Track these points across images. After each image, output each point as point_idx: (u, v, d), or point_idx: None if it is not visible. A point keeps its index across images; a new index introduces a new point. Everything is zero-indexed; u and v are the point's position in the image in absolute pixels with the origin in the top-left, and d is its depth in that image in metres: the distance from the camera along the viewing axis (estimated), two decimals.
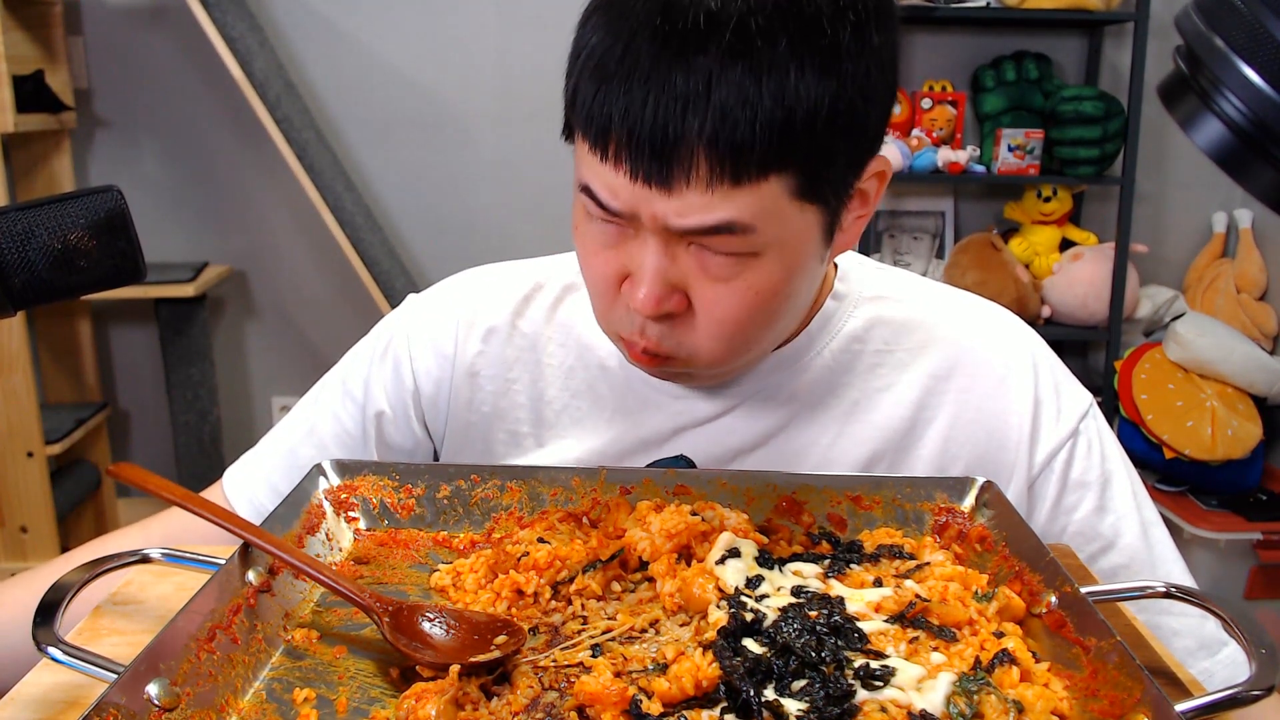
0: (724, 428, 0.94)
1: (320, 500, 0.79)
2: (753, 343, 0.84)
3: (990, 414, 0.92)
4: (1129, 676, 0.55)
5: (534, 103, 3.16)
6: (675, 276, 0.78)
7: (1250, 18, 0.48)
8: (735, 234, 0.75)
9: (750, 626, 0.62)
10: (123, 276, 0.71)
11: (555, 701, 0.60)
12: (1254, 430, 3.11)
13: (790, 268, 0.80)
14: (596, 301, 0.85)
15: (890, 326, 0.95)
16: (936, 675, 0.57)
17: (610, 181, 0.76)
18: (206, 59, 2.84)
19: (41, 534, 2.82)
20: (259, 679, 0.62)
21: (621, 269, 0.80)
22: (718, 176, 0.73)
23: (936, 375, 0.93)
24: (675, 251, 0.78)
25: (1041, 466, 0.92)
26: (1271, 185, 0.51)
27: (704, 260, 0.78)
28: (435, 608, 0.67)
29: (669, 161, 0.72)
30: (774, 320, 0.83)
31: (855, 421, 0.93)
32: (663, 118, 0.71)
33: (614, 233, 0.80)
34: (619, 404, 0.96)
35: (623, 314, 0.82)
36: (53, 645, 0.59)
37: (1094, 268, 3.16)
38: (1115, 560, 0.90)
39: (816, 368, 0.93)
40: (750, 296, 0.79)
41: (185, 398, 2.96)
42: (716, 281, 0.78)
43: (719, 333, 0.81)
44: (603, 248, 0.81)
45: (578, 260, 0.86)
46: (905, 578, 0.68)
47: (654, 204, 0.75)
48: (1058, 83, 3.23)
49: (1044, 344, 0.97)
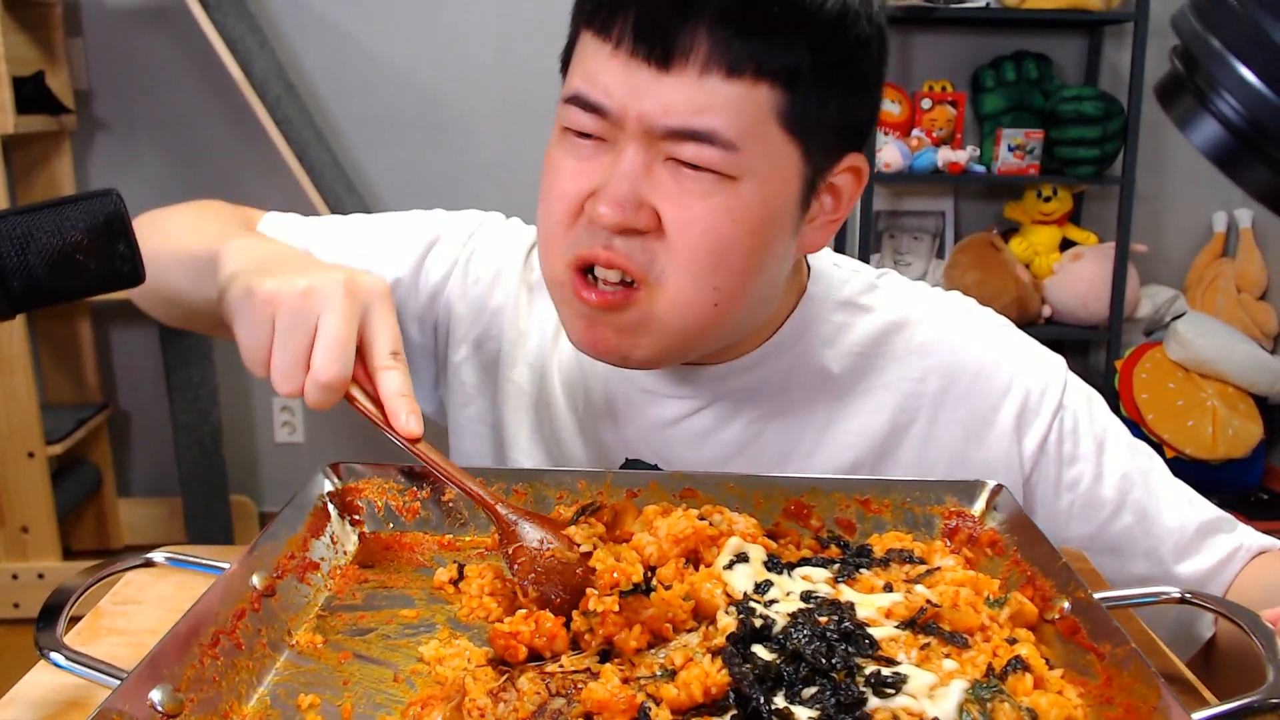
0: (694, 429, 0.93)
1: (325, 503, 0.78)
2: (715, 290, 0.80)
3: (968, 412, 0.92)
4: (1144, 684, 0.54)
5: (534, 103, 3.15)
6: (646, 190, 0.78)
7: (1246, 18, 0.48)
8: (716, 146, 0.76)
9: (760, 632, 0.62)
10: (122, 280, 0.71)
11: (562, 708, 0.59)
12: (1254, 429, 3.11)
13: (767, 207, 0.79)
14: (553, 228, 0.82)
15: (864, 330, 0.94)
16: (949, 683, 0.56)
17: (605, 72, 0.77)
18: (207, 60, 2.83)
19: (42, 534, 2.82)
20: (263, 684, 0.62)
21: (589, 186, 0.79)
22: (715, 61, 0.74)
23: (911, 379, 0.93)
24: (651, 165, 0.78)
25: (1035, 454, 0.92)
26: (1268, 185, 0.51)
27: (679, 177, 0.77)
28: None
29: (672, 34, 0.75)
30: (741, 269, 0.80)
31: (833, 428, 0.92)
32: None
33: (588, 148, 0.80)
34: (589, 404, 0.96)
35: (582, 234, 0.80)
36: (55, 650, 0.58)
37: (1094, 267, 3.16)
38: (1127, 520, 0.91)
39: (791, 371, 0.92)
40: (726, 221, 0.78)
41: (186, 398, 2.96)
42: (691, 199, 0.77)
43: (691, 258, 0.78)
44: (575, 163, 0.81)
45: (538, 218, 0.85)
46: (915, 583, 0.67)
47: (642, 96, 0.76)
48: (1058, 83, 3.22)
49: (1009, 324, 0.97)
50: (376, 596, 0.72)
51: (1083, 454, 0.92)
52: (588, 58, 0.80)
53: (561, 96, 0.82)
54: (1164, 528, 0.91)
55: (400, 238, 1.02)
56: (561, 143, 0.82)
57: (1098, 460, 0.92)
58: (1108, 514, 0.91)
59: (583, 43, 0.81)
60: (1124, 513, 0.91)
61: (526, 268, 1.01)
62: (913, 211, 3.37)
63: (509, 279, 1.01)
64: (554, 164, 0.83)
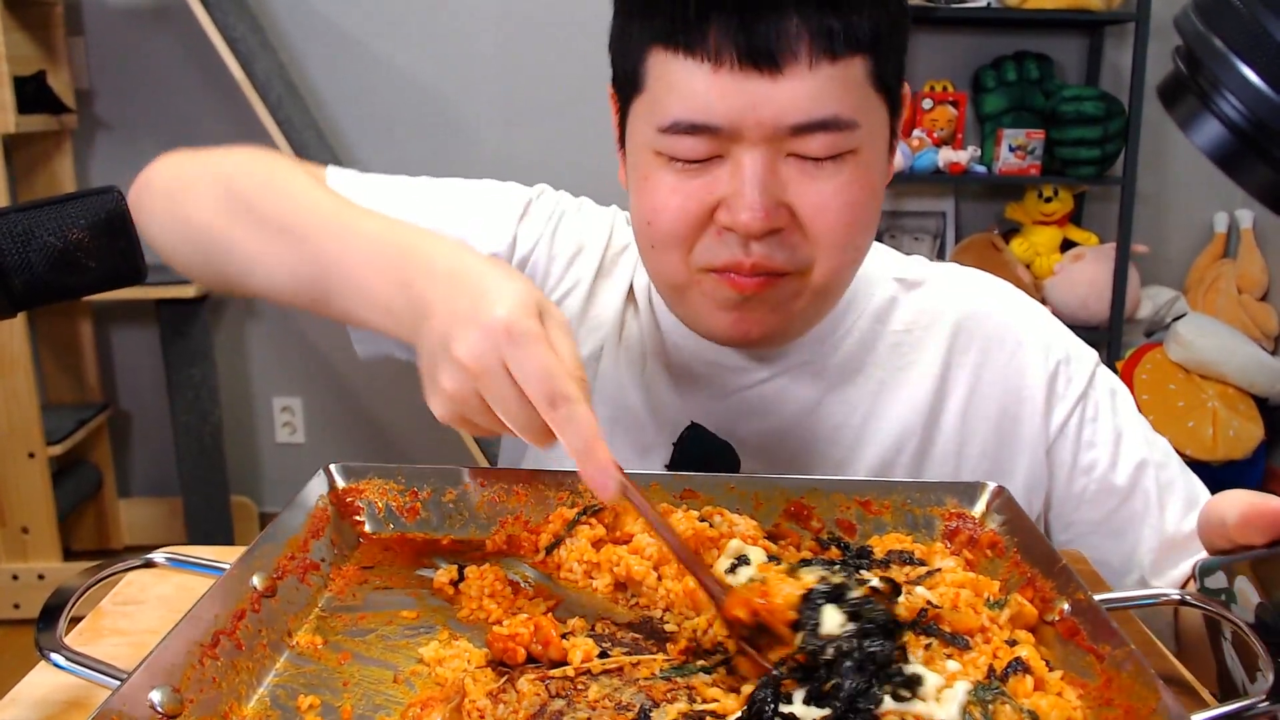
0: (757, 400, 0.95)
1: (325, 504, 0.78)
2: (858, 249, 0.86)
3: (1005, 387, 0.96)
4: (1144, 685, 0.54)
5: (535, 103, 3.16)
6: (777, 189, 0.79)
7: (1249, 18, 0.48)
8: (840, 130, 0.78)
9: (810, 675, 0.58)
10: (123, 277, 0.71)
11: (563, 709, 0.59)
12: (1255, 431, 3.10)
13: (880, 164, 0.84)
14: (671, 244, 0.83)
15: (909, 305, 0.98)
16: (953, 684, 0.56)
17: (707, 90, 0.77)
18: (208, 60, 2.83)
19: (42, 534, 2.82)
20: (263, 685, 0.62)
21: (710, 201, 0.80)
22: (819, 49, 0.76)
23: (953, 350, 0.96)
24: (775, 164, 0.79)
25: (1056, 432, 0.95)
26: (1270, 185, 0.51)
27: (805, 168, 0.79)
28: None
29: (774, 36, 0.75)
30: (872, 224, 0.85)
31: (883, 399, 0.95)
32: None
33: (695, 170, 0.80)
34: (657, 356, 0.97)
35: (715, 245, 0.82)
36: (55, 651, 0.58)
37: (1095, 268, 3.16)
38: (1135, 507, 0.93)
39: (847, 344, 0.95)
40: (856, 192, 0.81)
41: (186, 398, 2.96)
42: (822, 185, 0.80)
43: (834, 239, 0.82)
44: (685, 181, 0.81)
45: (637, 224, 0.86)
46: (916, 584, 0.67)
47: (759, 104, 0.76)
48: (1058, 83, 3.22)
49: (1048, 313, 1.01)
50: (376, 597, 0.72)
51: (1101, 440, 0.94)
52: (678, 81, 0.78)
53: (656, 125, 0.80)
54: (1159, 528, 0.93)
55: (492, 208, 1.01)
56: (660, 163, 0.81)
57: (1115, 448, 0.94)
58: (1117, 501, 0.93)
59: (661, 65, 0.79)
60: (1133, 500, 0.93)
61: (608, 249, 1.02)
62: (913, 212, 3.37)
63: (588, 259, 1.01)
64: (654, 190, 0.82)
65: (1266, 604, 0.61)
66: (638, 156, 0.84)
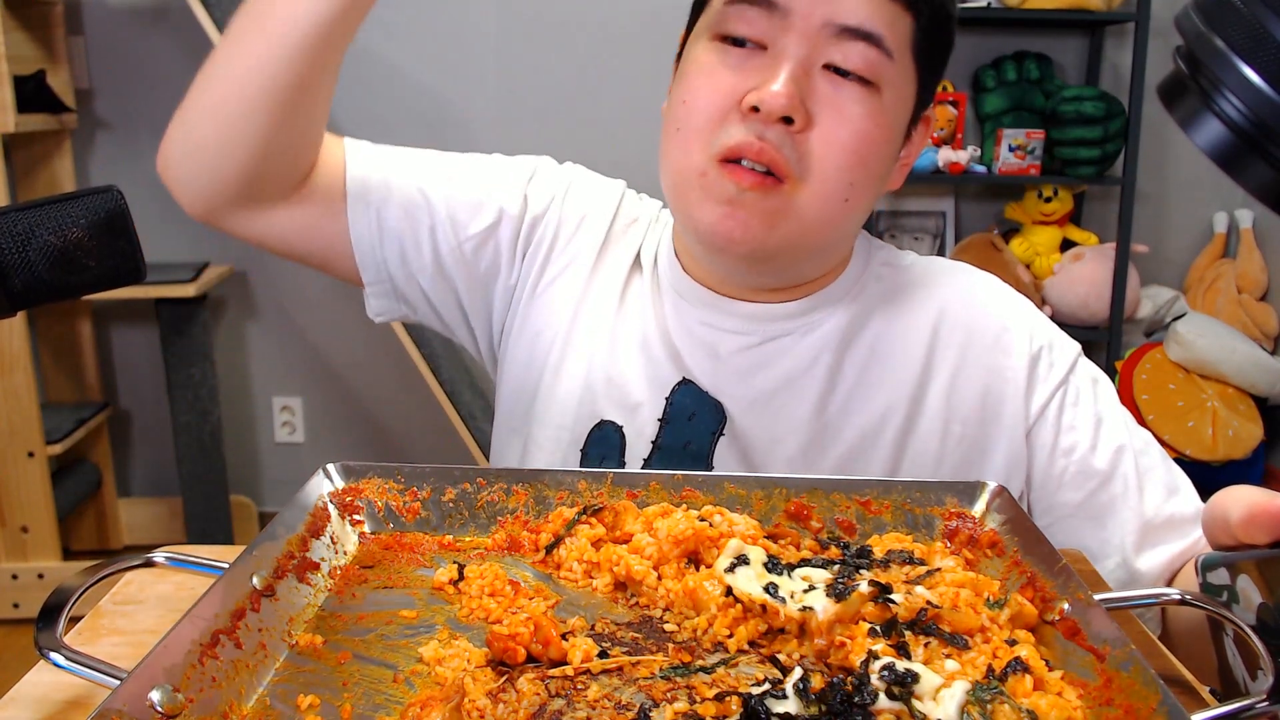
0: (753, 362, 0.99)
1: (325, 503, 0.78)
2: (851, 188, 0.89)
3: (988, 367, 0.98)
4: (1144, 685, 0.54)
5: (535, 102, 3.15)
6: (806, 87, 0.86)
7: (1250, 18, 0.48)
8: (878, 49, 0.86)
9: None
10: (123, 277, 0.71)
11: (563, 709, 0.59)
12: (1255, 431, 3.11)
13: (896, 121, 0.91)
14: (700, 123, 0.89)
15: (898, 289, 1.02)
16: (951, 683, 0.56)
17: None
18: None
19: (42, 534, 2.82)
20: (262, 685, 0.62)
21: (743, 90, 0.87)
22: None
23: (939, 334, 0.99)
24: (810, 67, 0.86)
25: (1037, 414, 0.97)
26: (1271, 185, 0.51)
27: (834, 83, 0.87)
28: None
29: None
30: (870, 177, 0.90)
31: (871, 373, 0.98)
32: None
33: (741, 55, 0.88)
34: (658, 320, 1.02)
35: (733, 128, 0.87)
36: (55, 650, 0.58)
37: (1095, 268, 3.16)
38: (1114, 490, 0.95)
39: (841, 317, 0.99)
40: (872, 125, 0.88)
41: (186, 398, 2.96)
42: (845, 102, 0.87)
43: (840, 154, 0.87)
44: (729, 64, 0.88)
45: (674, 106, 0.92)
46: (916, 584, 0.67)
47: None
48: (1058, 83, 3.22)
49: (1032, 304, 1.04)
50: (376, 597, 0.72)
51: (1081, 424, 0.96)
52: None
53: (693, 39, 0.91)
54: (1139, 510, 0.94)
55: (502, 171, 1.09)
56: (711, 48, 0.90)
57: (1095, 433, 0.96)
58: (1097, 483, 0.95)
59: None
60: (1113, 483, 0.95)
61: (615, 220, 1.07)
62: (913, 212, 3.37)
63: (595, 227, 1.06)
64: (702, 65, 0.90)
65: (1269, 605, 0.61)
66: (693, 51, 0.92)
